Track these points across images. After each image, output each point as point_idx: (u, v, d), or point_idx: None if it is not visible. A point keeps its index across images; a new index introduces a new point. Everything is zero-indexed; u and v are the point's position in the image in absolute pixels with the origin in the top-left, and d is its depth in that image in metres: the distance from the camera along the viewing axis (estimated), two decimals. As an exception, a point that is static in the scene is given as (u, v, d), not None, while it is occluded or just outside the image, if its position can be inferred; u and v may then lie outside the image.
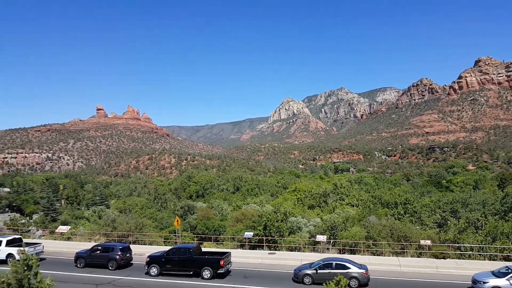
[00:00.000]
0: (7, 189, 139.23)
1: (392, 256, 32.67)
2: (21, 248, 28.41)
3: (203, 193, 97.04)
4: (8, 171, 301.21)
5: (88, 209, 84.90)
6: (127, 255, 27.88)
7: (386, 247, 34.26)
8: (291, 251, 35.42)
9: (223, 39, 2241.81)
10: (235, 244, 39.40)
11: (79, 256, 27.95)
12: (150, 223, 51.37)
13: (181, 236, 40.21)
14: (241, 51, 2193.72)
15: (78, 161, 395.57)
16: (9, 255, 28.24)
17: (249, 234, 37.54)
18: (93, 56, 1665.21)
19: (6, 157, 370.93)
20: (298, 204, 64.85)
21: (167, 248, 30.33)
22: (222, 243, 40.38)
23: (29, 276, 10.19)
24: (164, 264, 25.81)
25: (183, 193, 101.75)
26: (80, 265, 27.53)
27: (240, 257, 30.76)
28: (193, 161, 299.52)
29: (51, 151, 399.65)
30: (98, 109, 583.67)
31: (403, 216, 49.71)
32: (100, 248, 28.04)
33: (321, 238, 34.95)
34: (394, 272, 26.98)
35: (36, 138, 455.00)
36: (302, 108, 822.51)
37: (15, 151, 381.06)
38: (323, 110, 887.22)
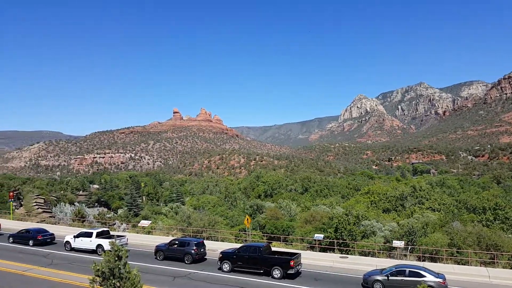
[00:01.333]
0: (96, 186, 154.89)
1: (480, 266, 29.36)
2: (113, 240, 31.24)
3: (271, 193, 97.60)
4: (98, 170, 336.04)
5: (166, 205, 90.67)
6: (201, 250, 28.88)
7: (473, 256, 30.92)
8: (364, 255, 33.76)
9: (292, 37, 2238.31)
10: (305, 246, 38.81)
11: (158, 249, 29.37)
12: (221, 221, 53.03)
13: (251, 234, 40.79)
14: (309, 47, 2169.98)
15: (157, 161, 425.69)
16: (99, 246, 30.56)
17: (319, 236, 36.69)
18: (171, 63, 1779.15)
19: (95, 157, 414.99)
20: (371, 207, 61.81)
21: (238, 245, 30.88)
22: (291, 244, 40.05)
23: (119, 266, 11.05)
24: (235, 261, 26.30)
25: (251, 192, 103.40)
26: (159, 257, 29.00)
27: (310, 259, 30.14)
28: (262, 161, 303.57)
29: (134, 152, 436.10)
30: (174, 112, 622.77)
31: (493, 223, 44.55)
32: (177, 242, 29.34)
33: (398, 243, 32.76)
34: (483, 284, 24.16)
35: (121, 139, 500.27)
36: (375, 105, 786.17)
37: (103, 152, 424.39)
38: (399, 107, 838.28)
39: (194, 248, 28.12)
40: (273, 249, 29.84)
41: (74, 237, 31.79)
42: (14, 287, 21.10)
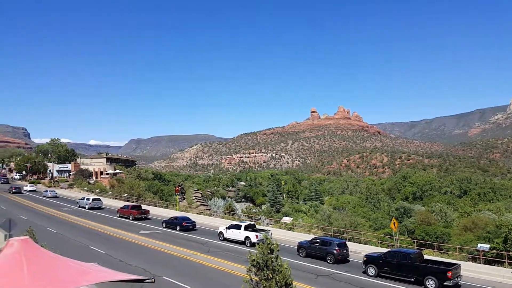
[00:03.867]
0: (243, 183, 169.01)
1: None
2: (266, 233, 33.07)
3: (421, 195, 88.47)
4: (243, 168, 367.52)
5: (305, 203, 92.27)
6: (344, 251, 28.07)
7: None
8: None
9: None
10: (464, 256, 33.41)
11: (301, 246, 29.53)
12: (363, 222, 50.69)
13: (398, 239, 37.52)
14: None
15: (296, 160, 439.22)
16: (246, 238, 32.36)
17: (484, 246, 31.01)
18: (309, 61, 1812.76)
19: (241, 157, 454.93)
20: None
21: (383, 249, 28.67)
22: (447, 253, 35.10)
23: (271, 258, 11.69)
24: (382, 265, 24.47)
25: (397, 194, 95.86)
26: (301, 254, 29.21)
27: (472, 272, 25.70)
28: (408, 160, 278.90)
29: (274, 151, 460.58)
30: (311, 112, 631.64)
31: None
32: (319, 241, 29.18)
33: None
34: None
35: (263, 140, 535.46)
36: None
37: (248, 152, 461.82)
38: None
39: (336, 248, 27.51)
40: (425, 257, 26.65)
41: (226, 228, 34.40)
42: (182, 270, 24.55)
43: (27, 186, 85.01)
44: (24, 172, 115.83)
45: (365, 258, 25.56)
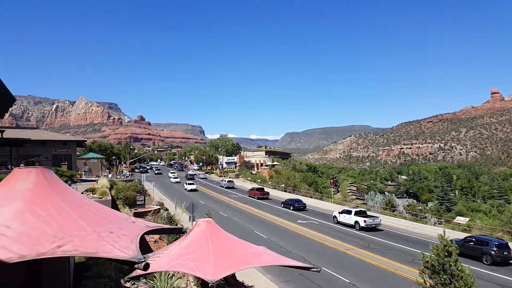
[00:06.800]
0: (404, 177, 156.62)
1: None
2: (374, 219, 35.64)
3: None
4: (405, 161, 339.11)
5: (485, 202, 78.65)
6: (505, 253, 25.27)
7: None
8: None
9: None
10: None
11: None
12: None
13: None
14: None
15: (471, 151, 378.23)
16: (356, 222, 35.89)
17: None
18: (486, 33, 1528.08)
19: (402, 148, 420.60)
20: None
21: None
22: None
23: (449, 262, 10.72)
24: None
25: None
26: None
27: None
28: None
29: (443, 141, 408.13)
30: (492, 93, 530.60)
31: None
32: (473, 240, 27.30)
33: None
34: None
35: (428, 129, 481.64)
36: None
37: (410, 142, 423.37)
38: None
39: (495, 249, 25.16)
40: None
41: (339, 213, 38.95)
42: (338, 262, 24.62)
43: (199, 174, 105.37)
44: (200, 164, 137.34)
45: None
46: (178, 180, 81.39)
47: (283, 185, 77.73)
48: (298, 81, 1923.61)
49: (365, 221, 34.85)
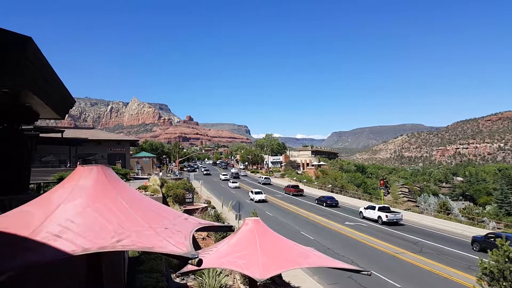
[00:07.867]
0: (460, 178, 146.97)
1: None
2: (396, 214, 38.30)
3: None
4: (461, 161, 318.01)
5: (554, 208, 71.51)
6: None
7: None
8: None
9: None
10: None
11: (475, 240, 29.45)
12: None
13: None
14: None
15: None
16: (379, 217, 38.72)
17: None
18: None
19: (458, 148, 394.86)
20: None
21: None
22: None
23: (510, 268, 10.12)
24: None
25: None
26: (475, 248, 28.77)
27: None
28: None
29: (503, 141, 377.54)
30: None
31: None
32: (494, 236, 26.94)
33: None
34: None
35: (486, 128, 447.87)
36: None
37: (466, 142, 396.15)
38: None
39: None
40: None
41: (365, 208, 42.11)
42: (388, 267, 23.64)
43: (241, 172, 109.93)
44: (246, 163, 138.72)
45: None
46: (227, 177, 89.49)
47: (330, 185, 76.24)
48: (345, 79, 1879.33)
49: (386, 216, 37.74)
